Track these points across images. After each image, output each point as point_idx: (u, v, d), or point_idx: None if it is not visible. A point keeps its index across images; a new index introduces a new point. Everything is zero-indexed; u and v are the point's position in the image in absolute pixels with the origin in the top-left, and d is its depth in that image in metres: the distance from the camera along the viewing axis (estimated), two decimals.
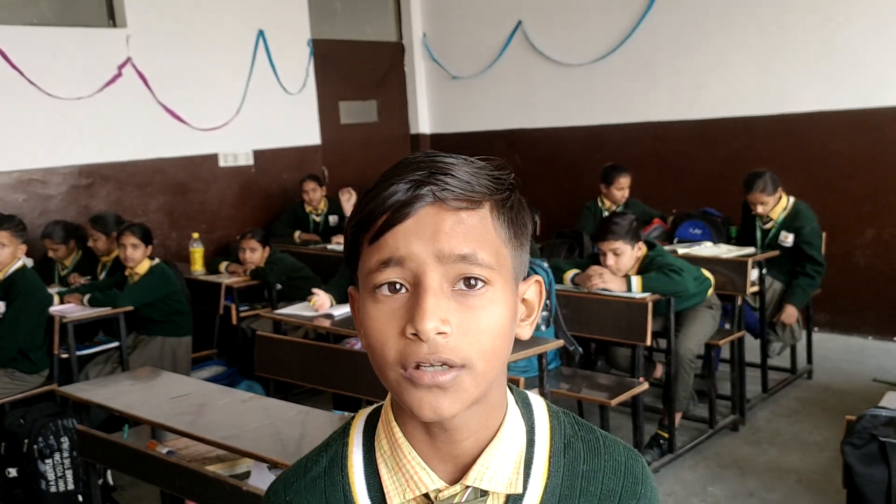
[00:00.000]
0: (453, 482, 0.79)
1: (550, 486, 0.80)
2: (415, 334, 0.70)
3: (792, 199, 4.65)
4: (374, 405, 0.86)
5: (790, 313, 4.54)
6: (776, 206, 4.60)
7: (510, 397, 0.83)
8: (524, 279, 0.81)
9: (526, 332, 0.82)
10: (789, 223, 4.59)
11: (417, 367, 0.71)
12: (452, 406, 0.72)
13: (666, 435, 3.85)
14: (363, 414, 0.87)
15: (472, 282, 0.73)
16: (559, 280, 3.87)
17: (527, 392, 0.86)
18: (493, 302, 0.73)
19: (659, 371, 4.02)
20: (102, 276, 4.77)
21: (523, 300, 0.81)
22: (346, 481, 0.82)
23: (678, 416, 3.93)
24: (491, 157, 0.79)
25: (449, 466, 0.79)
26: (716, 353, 4.27)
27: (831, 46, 5.42)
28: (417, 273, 0.72)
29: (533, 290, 0.82)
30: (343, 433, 0.86)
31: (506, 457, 0.79)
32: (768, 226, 4.65)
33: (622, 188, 5.35)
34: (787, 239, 4.57)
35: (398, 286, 0.73)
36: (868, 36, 5.27)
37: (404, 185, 0.73)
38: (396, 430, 0.80)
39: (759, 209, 4.56)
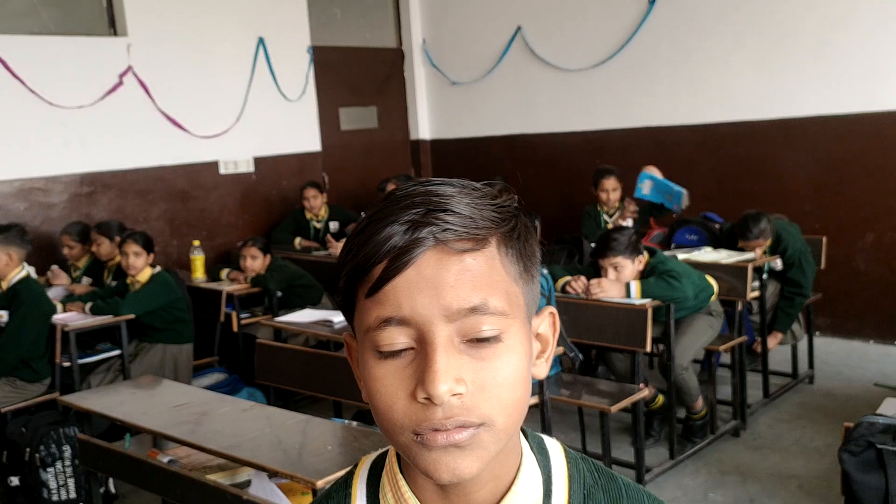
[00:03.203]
0: None
1: None
2: (427, 398, 0.64)
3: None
4: (378, 451, 0.81)
5: (774, 339, 4.61)
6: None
7: (524, 443, 0.76)
8: (536, 313, 0.74)
9: (542, 371, 0.74)
10: (774, 249, 4.55)
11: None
12: (472, 466, 0.66)
13: (697, 416, 3.97)
14: (366, 462, 0.80)
15: (485, 333, 0.66)
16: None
17: (542, 436, 0.80)
18: (510, 349, 0.67)
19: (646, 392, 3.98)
20: (109, 280, 4.80)
21: (537, 335, 0.74)
22: None
23: (699, 402, 3.97)
24: (492, 181, 0.73)
25: None
26: (716, 358, 4.27)
27: (831, 50, 5.42)
28: (424, 331, 0.65)
29: (546, 323, 0.76)
30: (345, 484, 0.80)
31: None
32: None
33: (606, 190, 5.34)
34: (777, 263, 4.55)
35: (402, 350, 0.67)
36: (868, 39, 5.27)
37: (400, 227, 0.65)
38: (402, 483, 0.74)
39: (758, 251, 4.44)
